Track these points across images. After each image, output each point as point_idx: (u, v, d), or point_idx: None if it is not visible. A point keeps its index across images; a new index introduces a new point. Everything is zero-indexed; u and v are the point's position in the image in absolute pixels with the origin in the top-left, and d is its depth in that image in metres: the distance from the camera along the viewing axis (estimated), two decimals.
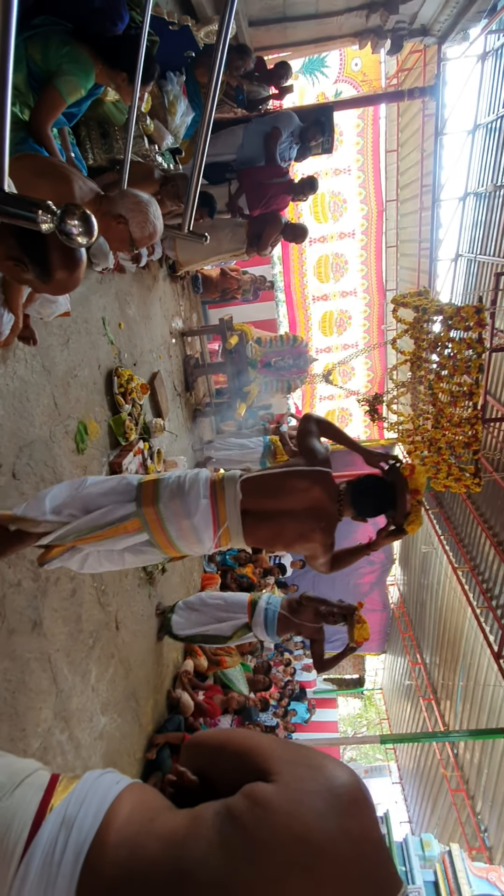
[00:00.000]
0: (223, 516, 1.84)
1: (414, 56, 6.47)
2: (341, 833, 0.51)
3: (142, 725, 3.23)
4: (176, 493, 1.81)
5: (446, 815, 7.21)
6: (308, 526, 1.85)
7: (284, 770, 0.57)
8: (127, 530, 1.78)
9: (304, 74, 6.96)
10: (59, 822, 0.63)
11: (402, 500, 1.86)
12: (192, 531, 1.83)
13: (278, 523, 1.87)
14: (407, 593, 9.34)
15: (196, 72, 3.47)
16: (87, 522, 1.76)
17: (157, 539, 1.83)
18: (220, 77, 1.25)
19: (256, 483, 1.88)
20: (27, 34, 1.78)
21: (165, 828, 0.59)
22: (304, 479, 1.87)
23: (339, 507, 1.89)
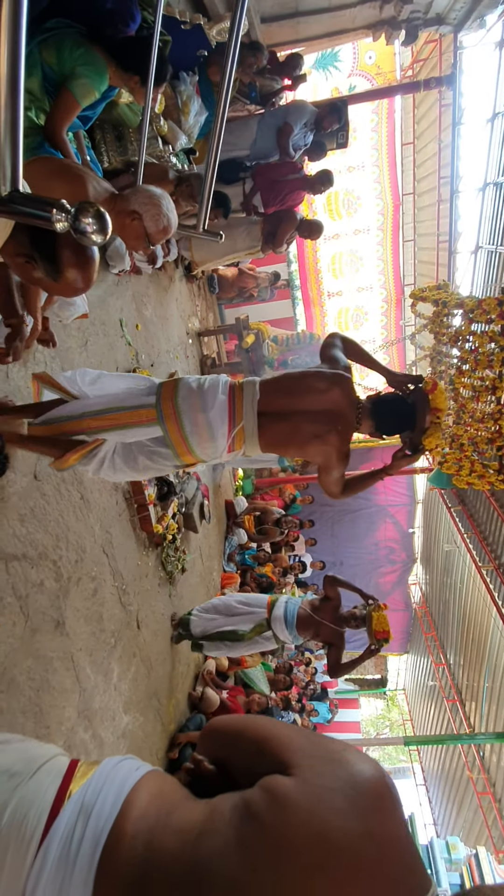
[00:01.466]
0: (239, 414, 1.81)
1: (429, 46, 6.35)
2: (365, 833, 0.48)
3: (164, 724, 3.24)
4: (194, 389, 1.81)
5: (472, 817, 7.08)
6: (324, 427, 1.81)
7: (304, 763, 0.55)
8: (141, 418, 1.77)
9: (318, 69, 6.89)
10: (77, 810, 0.62)
11: (422, 419, 1.83)
12: (207, 426, 1.79)
13: (294, 423, 1.83)
14: (429, 593, 9.19)
15: (209, 70, 3.46)
16: (107, 402, 1.77)
17: (171, 433, 1.79)
18: (233, 75, 1.24)
19: (276, 383, 1.86)
20: (41, 38, 1.80)
21: (182, 821, 0.58)
22: (323, 380, 1.84)
23: (357, 415, 1.86)
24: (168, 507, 3.57)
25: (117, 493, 2.92)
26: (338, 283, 8.15)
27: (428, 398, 1.82)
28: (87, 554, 2.44)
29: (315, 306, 8.18)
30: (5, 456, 1.52)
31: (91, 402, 1.78)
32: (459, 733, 6.94)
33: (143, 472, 1.95)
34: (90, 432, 1.79)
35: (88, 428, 1.78)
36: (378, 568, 9.24)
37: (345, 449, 1.85)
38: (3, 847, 0.60)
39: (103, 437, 1.82)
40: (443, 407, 1.82)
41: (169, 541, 3.59)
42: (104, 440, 1.83)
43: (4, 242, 1.12)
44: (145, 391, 1.83)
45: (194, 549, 4.48)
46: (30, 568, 1.99)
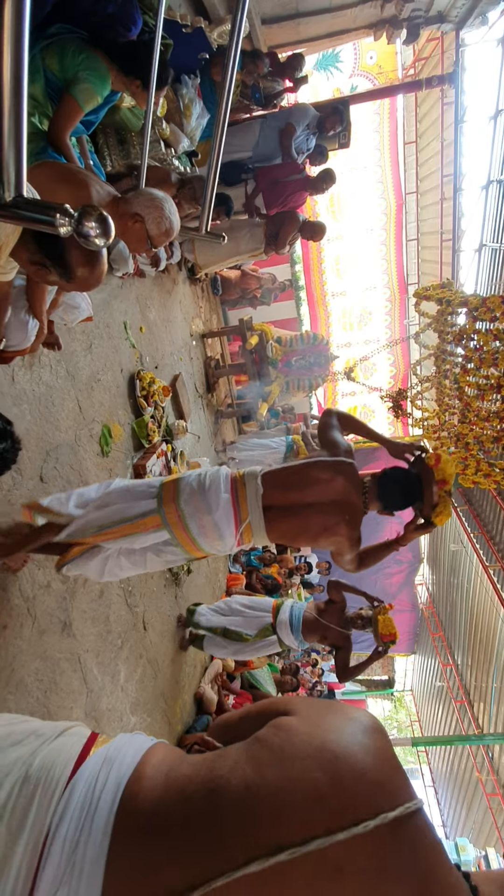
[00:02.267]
0: (245, 511, 1.81)
1: (431, 44, 6.34)
2: (357, 745, 0.56)
3: (171, 725, 3.25)
4: (196, 490, 1.80)
5: (482, 818, 7.04)
6: (333, 519, 1.80)
7: (303, 709, 0.64)
8: (146, 527, 1.77)
9: (319, 71, 6.91)
10: (101, 760, 0.68)
11: (430, 492, 1.80)
12: (214, 528, 1.80)
13: (302, 517, 1.82)
14: (436, 593, 9.15)
15: (211, 71, 3.48)
16: (107, 515, 1.76)
17: (179, 537, 1.81)
18: (235, 79, 1.24)
19: (278, 476, 1.85)
20: (43, 44, 1.81)
21: (196, 758, 0.66)
22: (326, 470, 1.83)
23: (364, 500, 1.84)
24: None
25: None
26: (341, 283, 8.15)
27: (432, 472, 1.79)
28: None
29: (319, 306, 8.18)
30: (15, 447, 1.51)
31: (92, 518, 1.76)
32: (468, 734, 6.90)
33: (150, 567, 1.97)
34: (98, 543, 1.81)
35: (94, 542, 1.80)
36: (384, 568, 9.20)
37: (355, 535, 1.84)
38: (33, 787, 0.65)
39: (110, 546, 1.83)
40: (450, 478, 1.78)
41: None
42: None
43: (18, 251, 1.14)
44: (146, 496, 1.80)
45: None
46: (36, 569, 2.00)
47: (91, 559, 1.87)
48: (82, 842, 0.60)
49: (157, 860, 0.57)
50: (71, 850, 0.60)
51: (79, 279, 1.21)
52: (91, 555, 1.86)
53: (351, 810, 0.52)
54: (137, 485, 1.86)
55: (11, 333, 1.67)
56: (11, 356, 1.80)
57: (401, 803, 0.53)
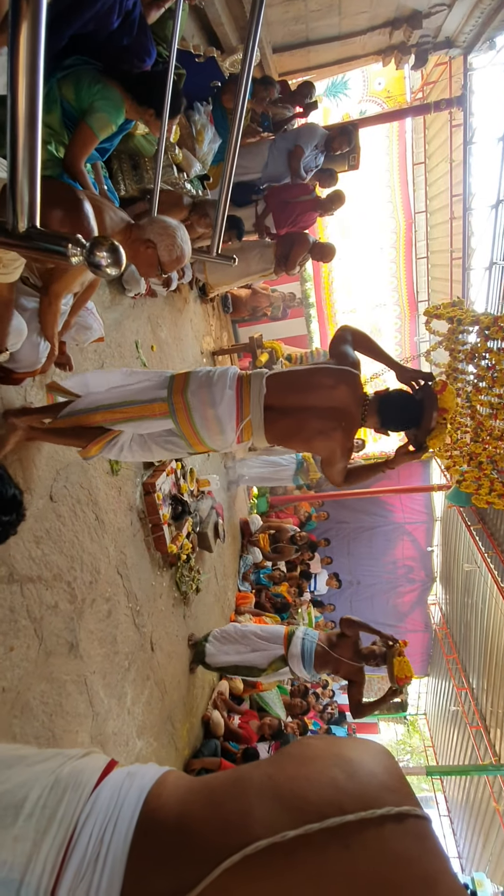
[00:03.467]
0: (247, 409, 1.86)
1: (439, 68, 6.46)
2: (371, 758, 0.61)
3: (178, 749, 3.18)
4: (204, 383, 1.85)
5: (500, 852, 6.75)
6: (329, 424, 1.84)
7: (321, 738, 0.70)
8: (154, 412, 1.83)
9: (329, 97, 7.07)
10: (125, 773, 0.73)
11: (429, 416, 1.82)
12: (216, 420, 1.85)
13: (300, 418, 1.87)
14: (450, 613, 8.95)
15: (223, 98, 3.57)
16: (119, 394, 1.84)
17: (183, 427, 1.86)
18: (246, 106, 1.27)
19: (282, 378, 1.90)
20: (60, 75, 1.87)
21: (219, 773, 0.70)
22: (330, 377, 1.86)
23: (363, 412, 1.87)
24: (182, 527, 3.56)
25: (132, 513, 2.92)
26: (351, 300, 8.21)
27: (436, 398, 1.82)
28: (101, 575, 2.44)
29: (329, 323, 8.23)
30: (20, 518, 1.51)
31: (103, 395, 1.85)
32: (485, 763, 6.67)
33: (157, 455, 2.05)
34: (105, 424, 1.87)
35: (103, 420, 1.86)
36: (396, 587, 9.05)
37: (348, 444, 1.88)
38: (63, 788, 0.70)
39: (118, 428, 1.90)
40: (451, 407, 1.81)
41: (183, 560, 3.57)
42: (121, 431, 1.91)
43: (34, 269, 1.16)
44: (157, 384, 1.88)
45: (209, 569, 4.45)
46: (45, 590, 1.99)
47: (110, 451, 1.96)
48: (106, 840, 0.64)
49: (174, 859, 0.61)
50: (95, 847, 0.64)
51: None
52: (109, 446, 1.94)
53: (361, 801, 0.56)
54: (152, 374, 1.93)
55: (23, 355, 1.69)
56: (22, 377, 1.83)
57: (409, 806, 0.57)
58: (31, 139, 0.75)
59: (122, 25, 1.92)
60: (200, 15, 4.02)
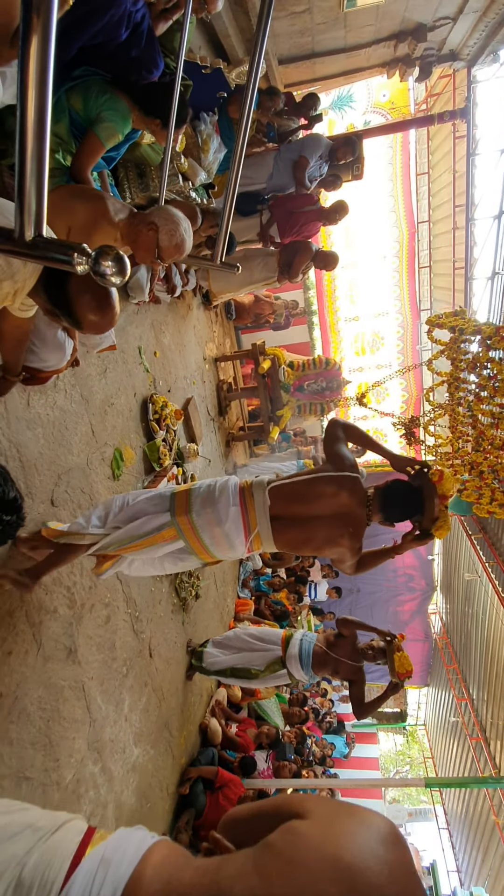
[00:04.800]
0: (253, 522, 1.89)
1: (443, 80, 6.53)
2: (372, 855, 0.51)
3: (175, 758, 3.16)
4: (207, 501, 1.88)
5: (499, 866, 6.65)
6: (337, 531, 1.88)
7: (317, 810, 0.58)
8: (164, 538, 1.88)
9: (333, 110, 7.14)
10: (98, 860, 0.64)
11: (430, 505, 1.87)
12: (224, 538, 1.89)
13: (307, 528, 1.91)
14: (450, 623, 8.89)
15: (229, 108, 3.61)
16: (126, 532, 1.87)
17: (193, 546, 1.91)
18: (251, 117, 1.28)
19: (285, 489, 1.93)
20: (68, 85, 1.89)
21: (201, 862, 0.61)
22: (331, 485, 1.90)
23: (367, 512, 1.91)
24: None
25: None
26: (354, 309, 8.24)
27: (435, 487, 1.86)
28: (100, 580, 2.44)
29: (332, 331, 8.26)
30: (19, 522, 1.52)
31: (112, 538, 1.89)
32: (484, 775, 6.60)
33: (168, 570, 2.12)
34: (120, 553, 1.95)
35: (117, 554, 1.94)
36: (396, 596, 9.00)
37: (357, 545, 1.93)
38: (27, 890, 0.62)
39: (132, 557, 1.99)
40: (450, 494, 1.86)
41: None
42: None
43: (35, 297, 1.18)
44: (159, 508, 1.91)
45: (208, 575, 4.44)
46: (44, 594, 1.99)
47: (121, 564, 2.02)
48: None
49: None
50: None
51: (89, 325, 1.25)
52: (120, 561, 2.01)
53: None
54: (151, 496, 1.95)
55: (50, 354, 1.71)
56: (48, 376, 1.84)
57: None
58: (40, 150, 0.76)
59: (130, 37, 1.95)
60: (207, 28, 4.07)
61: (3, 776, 1.66)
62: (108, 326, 1.28)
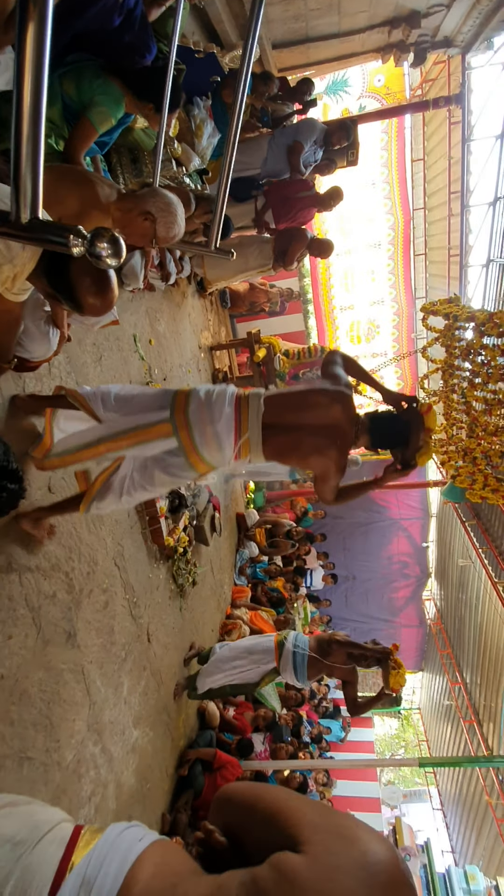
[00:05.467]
0: (245, 426, 1.92)
1: (438, 67, 6.46)
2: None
3: (174, 740, 3.22)
4: (204, 402, 1.92)
5: (492, 845, 6.83)
6: (324, 442, 1.92)
7: (315, 839, 0.53)
8: (159, 433, 1.90)
9: (328, 95, 7.06)
10: (79, 884, 0.61)
11: (416, 437, 1.94)
12: (215, 437, 1.91)
13: (296, 437, 1.94)
14: (444, 609, 9.02)
15: (222, 93, 3.57)
16: (126, 423, 1.89)
17: (184, 443, 1.92)
18: (245, 101, 1.29)
19: (280, 398, 1.97)
20: (62, 70, 1.88)
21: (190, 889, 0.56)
22: (325, 396, 1.94)
23: (355, 431, 1.95)
24: (179, 520, 3.59)
25: None
26: (349, 297, 8.22)
27: (423, 418, 1.93)
28: (98, 566, 2.47)
29: (327, 319, 8.24)
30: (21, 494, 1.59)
31: (105, 428, 1.90)
32: (477, 756, 6.74)
33: (159, 487, 2.07)
34: (108, 454, 1.93)
35: (107, 451, 1.92)
36: (391, 582, 9.11)
37: (342, 462, 1.95)
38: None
39: (123, 454, 1.94)
40: (434, 427, 1.93)
41: (180, 553, 3.60)
42: (120, 460, 1.96)
43: (36, 281, 1.18)
44: (158, 405, 1.93)
45: (205, 562, 4.48)
46: (42, 579, 2.01)
47: (108, 492, 1.98)
48: None
49: None
50: None
51: (89, 308, 1.26)
52: (106, 488, 1.98)
53: None
54: (154, 393, 1.99)
55: (35, 345, 1.71)
56: (37, 364, 1.85)
57: None
58: (35, 134, 0.77)
59: (123, 23, 1.93)
60: (201, 13, 4.01)
61: (5, 756, 1.69)
62: (106, 309, 1.30)
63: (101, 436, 1.90)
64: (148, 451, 1.95)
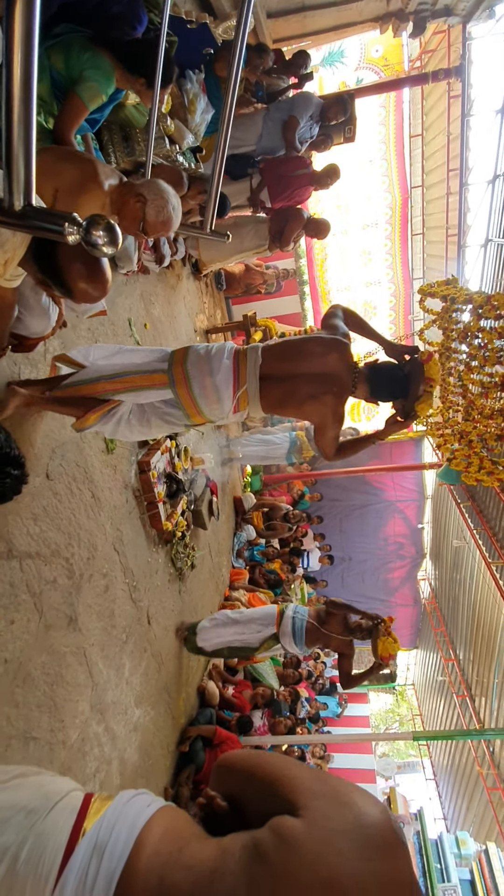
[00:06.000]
0: (243, 378, 1.95)
1: (437, 37, 6.27)
2: (370, 876, 0.49)
3: (175, 718, 3.29)
4: (202, 355, 1.94)
5: (483, 813, 7.08)
6: (320, 388, 1.93)
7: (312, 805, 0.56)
8: (154, 382, 1.91)
9: (324, 67, 6.85)
10: (91, 848, 0.64)
11: (416, 388, 1.94)
12: (214, 389, 1.93)
13: (293, 384, 1.96)
14: (439, 588, 9.17)
15: (215, 66, 3.46)
16: (120, 366, 1.91)
17: (181, 396, 1.94)
18: (240, 75, 1.25)
19: (276, 348, 1.99)
20: (49, 44, 1.81)
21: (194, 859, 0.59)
22: (321, 344, 1.96)
23: (353, 380, 1.96)
24: (177, 505, 3.60)
25: (127, 491, 2.95)
26: (346, 278, 8.12)
27: (423, 367, 1.92)
28: (98, 551, 2.49)
29: (323, 301, 8.16)
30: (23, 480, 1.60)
31: (104, 366, 1.91)
32: (469, 728, 6.94)
33: (156, 430, 2.11)
34: (105, 394, 1.93)
35: (104, 390, 1.92)
36: (387, 563, 9.23)
37: (339, 410, 1.96)
38: (21, 886, 0.61)
39: (119, 398, 1.95)
40: (436, 377, 1.91)
41: (178, 538, 3.63)
42: (120, 401, 1.97)
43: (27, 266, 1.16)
44: (158, 359, 1.95)
45: (203, 546, 4.52)
46: (43, 565, 2.03)
47: (107, 422, 2.02)
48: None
49: None
50: None
51: (81, 294, 1.24)
52: (107, 418, 2.01)
53: None
54: (152, 350, 2.02)
55: (35, 320, 1.69)
56: (34, 343, 1.83)
57: None
58: (26, 115, 0.75)
59: None
60: None
61: (11, 736, 1.73)
62: (100, 295, 1.27)
63: (100, 374, 1.90)
64: (142, 399, 1.97)
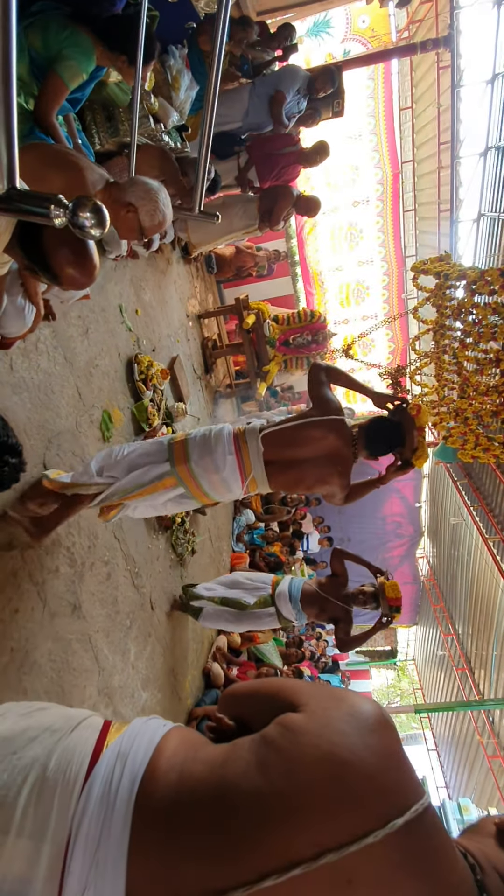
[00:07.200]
0: (248, 468, 2.04)
1: (425, 7, 6.09)
2: (365, 748, 0.56)
3: (181, 700, 3.35)
4: (204, 450, 2.02)
5: (484, 780, 7.29)
6: (326, 471, 2.04)
7: (311, 702, 0.64)
8: (165, 486, 2.02)
9: (310, 37, 6.66)
10: (115, 754, 0.69)
11: (410, 437, 2.04)
12: (223, 483, 2.04)
13: (299, 470, 2.06)
14: (437, 565, 9.29)
15: (199, 40, 3.37)
16: (129, 482, 2.00)
17: (193, 492, 2.06)
18: (224, 48, 1.22)
19: (276, 436, 2.06)
20: (27, 22, 1.76)
21: (208, 754, 0.66)
22: (319, 429, 2.03)
23: (353, 451, 2.06)
24: None
25: None
26: (337, 258, 8.02)
27: (414, 420, 2.02)
28: (98, 540, 2.50)
29: (315, 282, 8.07)
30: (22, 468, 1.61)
31: (115, 487, 2.00)
32: (469, 700, 7.10)
33: (170, 511, 2.30)
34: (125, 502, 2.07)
35: (121, 501, 2.05)
36: (386, 542, 9.32)
37: (345, 483, 2.08)
38: (51, 789, 0.66)
39: (136, 504, 2.10)
40: (426, 425, 2.04)
41: (178, 524, 3.65)
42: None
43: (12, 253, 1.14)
44: (158, 459, 2.02)
45: (203, 531, 4.55)
46: (45, 555, 2.04)
47: (126, 510, 2.16)
48: (103, 841, 0.61)
49: (173, 860, 0.59)
50: (93, 850, 0.61)
51: (69, 280, 1.21)
52: (125, 508, 2.15)
53: (360, 821, 0.53)
54: (149, 447, 2.08)
55: (10, 321, 1.67)
56: (12, 342, 1.81)
57: (409, 806, 0.54)
58: (7, 96, 0.73)
59: None
60: None
61: None
62: (88, 281, 1.25)
63: (113, 493, 2.01)
64: (159, 501, 2.08)
